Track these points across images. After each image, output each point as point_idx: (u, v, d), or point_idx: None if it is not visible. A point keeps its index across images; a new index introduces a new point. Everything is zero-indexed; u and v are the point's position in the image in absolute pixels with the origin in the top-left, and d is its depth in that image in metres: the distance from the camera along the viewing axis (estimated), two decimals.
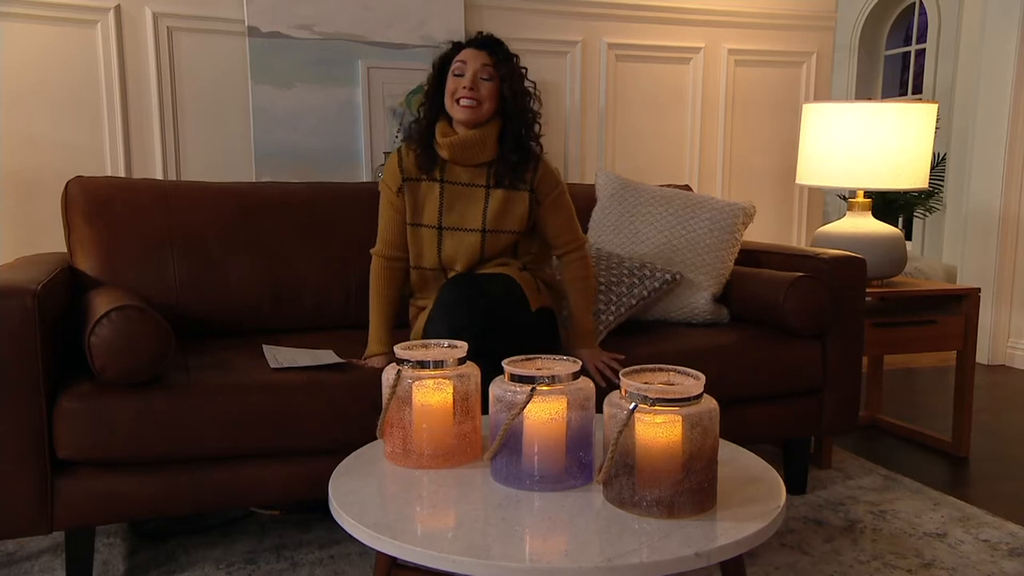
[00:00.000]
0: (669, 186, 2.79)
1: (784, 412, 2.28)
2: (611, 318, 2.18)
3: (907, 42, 6.56)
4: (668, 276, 2.30)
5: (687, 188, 2.89)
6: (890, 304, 2.74)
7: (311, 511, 2.20)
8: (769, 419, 2.26)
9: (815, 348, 2.28)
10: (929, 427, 2.93)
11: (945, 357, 3.90)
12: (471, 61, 1.94)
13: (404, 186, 2.02)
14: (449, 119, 1.99)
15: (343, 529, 1.25)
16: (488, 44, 1.97)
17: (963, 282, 4.16)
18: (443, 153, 1.98)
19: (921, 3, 6.24)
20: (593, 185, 2.72)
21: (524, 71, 2.00)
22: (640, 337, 2.24)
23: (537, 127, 2.03)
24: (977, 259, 4.11)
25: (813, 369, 2.28)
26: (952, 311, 2.71)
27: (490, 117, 1.96)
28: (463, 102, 1.92)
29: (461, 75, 1.94)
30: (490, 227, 2.00)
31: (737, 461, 1.45)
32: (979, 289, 2.75)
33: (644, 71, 3.39)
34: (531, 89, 2.01)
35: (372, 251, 2.08)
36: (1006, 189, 3.97)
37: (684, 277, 2.37)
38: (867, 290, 2.43)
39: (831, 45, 3.68)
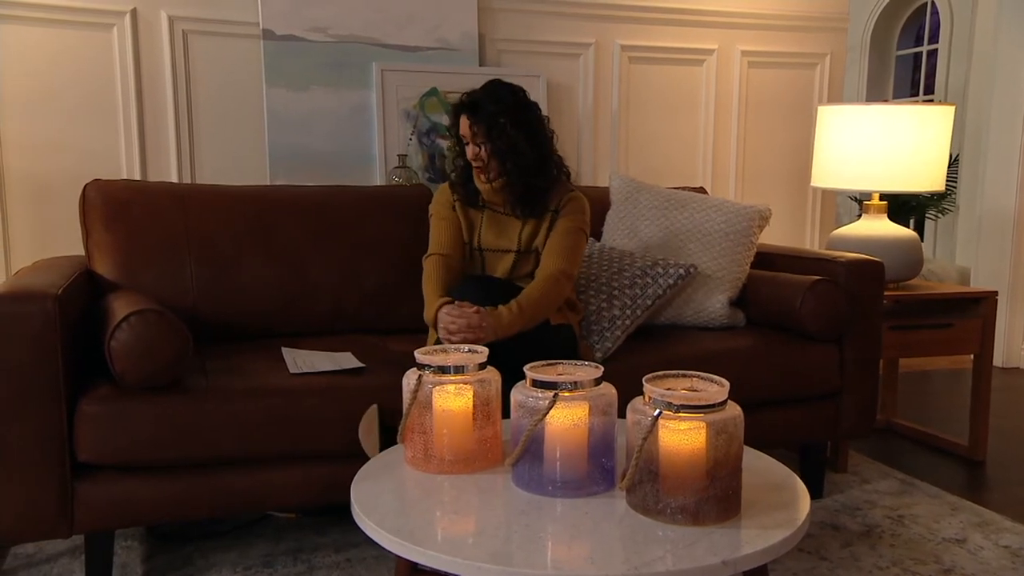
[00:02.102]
0: (683, 188, 2.78)
1: (801, 416, 2.27)
2: (628, 322, 2.17)
3: (919, 42, 6.53)
4: (682, 271, 2.29)
5: (701, 190, 2.88)
6: (906, 307, 2.72)
7: (326, 514, 2.20)
8: (786, 423, 2.25)
9: (832, 352, 2.27)
10: (944, 430, 2.92)
11: (958, 360, 3.88)
12: (464, 130, 2.02)
13: (457, 204, 2.11)
14: None
15: (359, 533, 1.25)
16: (467, 109, 2.00)
17: (977, 284, 4.14)
18: (483, 193, 2.09)
19: (933, 3, 6.21)
20: (606, 188, 2.72)
21: (504, 122, 1.96)
22: (656, 341, 2.24)
23: (551, 167, 2.05)
24: (991, 261, 4.09)
25: (830, 373, 2.27)
26: (969, 314, 2.70)
27: (502, 170, 2.01)
28: (475, 170, 2.04)
29: (466, 143, 2.03)
30: (523, 247, 2.08)
31: (758, 467, 1.45)
32: (996, 292, 2.74)
33: (657, 73, 3.38)
34: (534, 126, 2.00)
35: (424, 257, 2.08)
36: (1021, 191, 3.95)
37: (699, 271, 2.36)
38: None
39: (844, 46, 3.67)
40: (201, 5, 2.78)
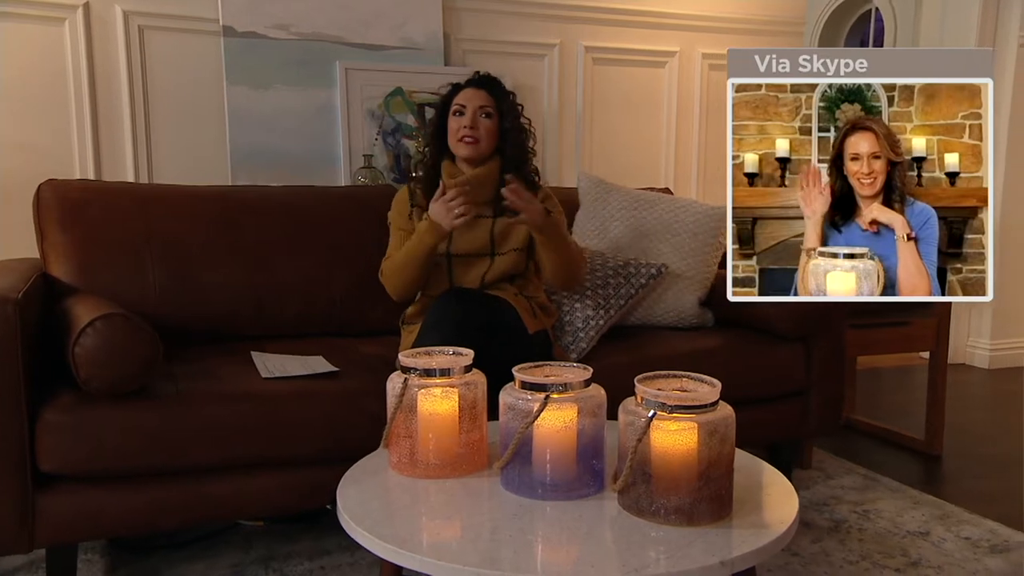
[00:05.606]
0: (649, 189, 2.80)
1: (770, 415, 2.30)
2: (601, 322, 2.18)
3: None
4: (654, 271, 2.31)
5: (667, 191, 2.91)
6: (865, 306, 2.78)
7: (295, 521, 2.15)
8: (756, 422, 2.25)
9: (799, 350, 2.31)
10: (900, 426, 2.99)
11: (908, 357, 3.99)
12: (470, 101, 2.02)
13: (413, 212, 2.08)
14: (453, 158, 2.06)
15: (330, 539, 1.23)
16: (485, 83, 2.05)
17: None
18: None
19: (877, 9, 6.38)
20: (572, 188, 2.72)
21: (521, 108, 2.08)
22: (628, 341, 2.25)
23: (533, 164, 2.10)
24: None
25: (798, 371, 2.31)
26: (925, 313, 2.77)
27: (491, 154, 2.05)
28: (464, 140, 2.01)
29: (462, 114, 2.02)
30: (497, 251, 2.05)
31: (744, 466, 1.46)
32: None
33: (620, 74, 3.41)
34: (527, 126, 2.08)
35: (384, 260, 2.07)
36: None
37: (670, 270, 2.38)
38: None
39: None
40: (157, 0, 2.70)
